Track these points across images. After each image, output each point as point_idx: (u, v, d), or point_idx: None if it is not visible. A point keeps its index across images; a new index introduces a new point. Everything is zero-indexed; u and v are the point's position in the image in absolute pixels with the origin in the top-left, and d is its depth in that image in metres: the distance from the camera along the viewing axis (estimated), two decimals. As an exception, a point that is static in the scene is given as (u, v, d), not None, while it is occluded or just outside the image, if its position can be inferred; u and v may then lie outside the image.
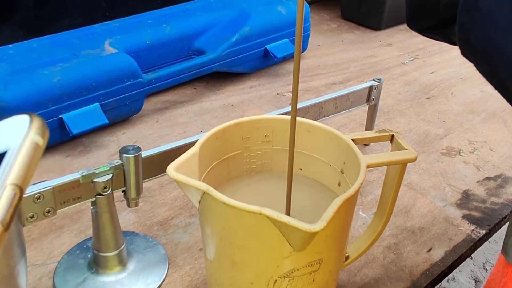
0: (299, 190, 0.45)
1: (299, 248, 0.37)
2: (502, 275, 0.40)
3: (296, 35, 0.37)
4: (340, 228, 0.41)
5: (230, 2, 0.93)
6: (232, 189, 0.48)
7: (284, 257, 0.39)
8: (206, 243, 0.44)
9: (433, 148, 0.73)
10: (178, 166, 0.39)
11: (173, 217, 0.59)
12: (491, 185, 0.66)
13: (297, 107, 0.41)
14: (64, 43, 0.75)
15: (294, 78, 0.39)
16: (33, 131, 0.19)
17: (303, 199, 0.45)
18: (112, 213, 0.48)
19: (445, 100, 0.86)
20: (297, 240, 0.36)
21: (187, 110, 0.81)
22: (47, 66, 0.69)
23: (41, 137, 0.20)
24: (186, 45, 0.85)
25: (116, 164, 0.46)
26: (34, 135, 0.19)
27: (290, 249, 0.38)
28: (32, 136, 0.19)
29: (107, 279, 0.50)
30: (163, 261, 0.53)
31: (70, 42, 0.76)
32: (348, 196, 0.37)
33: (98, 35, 0.78)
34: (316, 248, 0.39)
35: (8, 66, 0.68)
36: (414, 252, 0.55)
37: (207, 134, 0.45)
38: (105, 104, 0.71)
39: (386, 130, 0.47)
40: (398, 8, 1.12)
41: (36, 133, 0.20)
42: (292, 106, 0.41)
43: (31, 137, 0.19)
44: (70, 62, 0.70)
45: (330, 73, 0.94)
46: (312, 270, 0.40)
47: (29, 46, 0.74)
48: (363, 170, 0.40)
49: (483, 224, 0.59)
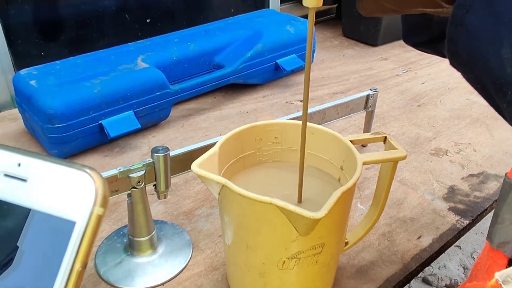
0: (305, 178, 0.45)
1: (304, 233, 0.37)
2: (487, 258, 0.40)
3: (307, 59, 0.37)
4: (339, 216, 0.41)
5: (245, 23, 0.94)
6: (247, 178, 0.47)
7: (291, 241, 0.39)
8: (225, 229, 0.44)
9: (423, 149, 0.73)
10: (201, 163, 0.40)
11: (196, 208, 0.59)
12: (474, 181, 0.66)
13: (307, 112, 0.41)
14: (103, 60, 0.76)
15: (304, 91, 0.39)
16: (98, 205, 0.18)
17: (309, 188, 0.45)
18: (144, 204, 0.48)
19: (434, 107, 0.86)
20: (302, 226, 0.36)
21: (208, 117, 0.81)
22: (89, 79, 0.70)
23: (103, 208, 0.18)
24: (207, 60, 0.86)
25: (148, 162, 0.47)
26: (99, 208, 0.18)
27: (296, 234, 0.38)
28: (97, 210, 0.18)
29: (140, 261, 0.51)
30: (188, 245, 0.53)
31: (108, 59, 0.77)
32: (346, 188, 0.37)
33: (132, 52, 0.79)
34: (319, 233, 0.39)
35: (56, 79, 0.70)
36: (406, 239, 0.55)
37: (225, 136, 0.45)
38: (138, 111, 0.72)
39: (380, 133, 0.47)
40: (392, 26, 1.11)
41: (100, 206, 0.18)
42: (303, 111, 0.41)
43: (96, 211, 0.18)
44: (108, 76, 0.71)
45: (333, 83, 0.94)
46: (316, 253, 0.40)
47: (73, 62, 0.75)
48: (359, 166, 0.40)
49: (466, 215, 0.59)
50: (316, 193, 0.46)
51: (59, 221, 0.18)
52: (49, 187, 0.18)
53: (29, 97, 0.67)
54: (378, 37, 1.12)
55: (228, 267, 0.48)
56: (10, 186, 0.18)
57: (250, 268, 0.43)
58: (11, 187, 0.18)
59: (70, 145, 0.67)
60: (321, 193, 0.46)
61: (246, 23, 0.94)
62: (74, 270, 0.17)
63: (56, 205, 0.18)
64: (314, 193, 0.46)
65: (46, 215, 0.18)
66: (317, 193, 0.46)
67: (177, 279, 0.50)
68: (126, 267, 0.50)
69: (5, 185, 0.18)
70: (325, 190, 0.46)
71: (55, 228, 0.18)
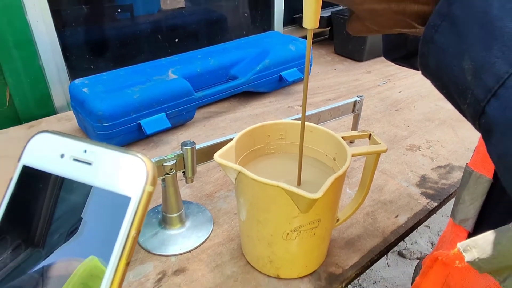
0: (304, 167, 0.45)
1: (304, 210, 0.38)
2: (451, 232, 0.40)
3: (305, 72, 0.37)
4: (333, 197, 0.41)
5: (255, 42, 0.94)
6: (258, 166, 0.48)
7: (293, 217, 0.39)
8: (240, 208, 0.44)
9: (400, 145, 0.73)
10: (221, 154, 0.40)
11: (216, 191, 0.60)
12: (441, 171, 0.65)
13: (305, 114, 0.41)
14: (141, 72, 0.77)
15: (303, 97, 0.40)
16: (149, 182, 0.17)
17: (307, 174, 0.46)
18: (175, 187, 0.49)
19: (409, 111, 0.86)
20: (303, 204, 0.37)
21: (225, 118, 0.81)
22: (129, 87, 0.71)
23: (153, 186, 0.18)
24: (224, 72, 0.86)
25: (178, 153, 0.47)
26: (150, 186, 0.17)
27: (298, 211, 0.38)
28: (148, 188, 0.17)
29: (171, 233, 0.51)
30: (209, 221, 0.54)
31: (145, 71, 0.77)
32: (339, 175, 0.38)
33: (164, 66, 0.80)
34: (316, 211, 0.39)
35: (103, 87, 0.70)
36: (385, 218, 0.55)
37: (240, 132, 0.45)
38: (169, 114, 0.72)
39: (366, 131, 0.47)
40: (375, 46, 1.11)
41: (152, 184, 0.18)
42: (302, 113, 0.41)
43: (147, 189, 0.17)
44: (145, 85, 0.72)
45: (326, 92, 0.94)
46: (313, 227, 0.41)
47: (117, 74, 0.76)
48: (349, 157, 0.40)
49: (435, 198, 0.59)
50: (313, 178, 0.46)
51: (118, 196, 0.18)
52: (109, 169, 0.18)
53: (82, 102, 0.68)
54: (363, 54, 1.11)
55: (242, 239, 0.48)
56: (77, 168, 0.18)
57: (260, 239, 0.43)
58: (79, 169, 0.18)
59: (115, 140, 0.68)
60: (317, 178, 0.46)
61: (255, 42, 0.94)
62: (130, 236, 0.17)
63: (115, 183, 0.18)
64: (311, 178, 0.46)
65: (107, 191, 0.18)
66: (314, 178, 0.46)
67: (201, 247, 0.50)
68: (160, 237, 0.51)
69: (74, 168, 0.18)
70: (320, 176, 0.47)
71: (114, 203, 0.18)
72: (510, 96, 0.20)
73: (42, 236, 0.18)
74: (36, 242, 0.18)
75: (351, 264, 0.48)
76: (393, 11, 0.26)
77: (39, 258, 0.18)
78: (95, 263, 0.17)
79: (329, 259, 0.48)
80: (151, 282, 0.45)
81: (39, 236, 0.18)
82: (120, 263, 0.17)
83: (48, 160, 0.19)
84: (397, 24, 0.27)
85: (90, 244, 0.18)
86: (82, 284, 0.17)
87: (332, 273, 0.47)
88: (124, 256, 0.17)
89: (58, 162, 0.19)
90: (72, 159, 0.18)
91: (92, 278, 0.17)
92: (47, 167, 0.19)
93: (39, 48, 0.78)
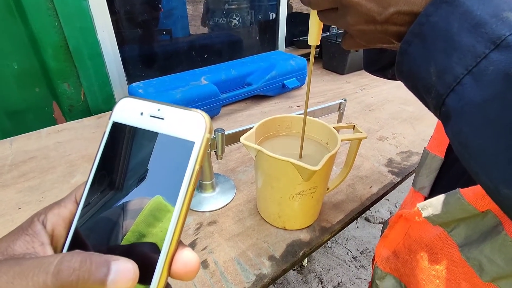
0: (305, 146, 0.45)
1: (306, 179, 0.38)
2: (411, 197, 0.39)
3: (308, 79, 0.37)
4: (326, 170, 0.41)
5: (264, 58, 0.93)
6: (271, 146, 0.48)
7: (298, 184, 0.40)
8: (257, 178, 0.44)
9: (372, 136, 0.73)
10: (245, 137, 0.41)
11: (237, 167, 0.60)
12: (404, 156, 0.65)
13: (307, 111, 0.41)
14: (181, 78, 0.77)
15: (306, 97, 0.39)
16: (208, 131, 0.17)
17: (307, 150, 0.46)
18: (209, 162, 0.49)
19: (379, 111, 0.85)
20: (305, 174, 0.37)
21: (242, 114, 0.81)
22: (173, 89, 0.71)
23: (210, 134, 0.17)
24: (242, 80, 0.86)
25: (212, 137, 0.48)
26: (208, 134, 0.17)
27: (301, 180, 0.38)
28: (207, 135, 0.17)
29: (205, 195, 0.52)
30: (233, 188, 0.54)
31: (184, 78, 0.77)
32: (332, 154, 0.38)
33: (198, 74, 0.79)
34: (314, 180, 0.40)
35: (154, 89, 0.70)
36: (362, 188, 0.55)
37: (258, 123, 0.45)
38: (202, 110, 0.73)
39: (351, 123, 0.47)
40: (354, 63, 1.10)
41: (209, 132, 0.17)
42: (305, 109, 0.41)
43: (206, 136, 0.17)
44: (184, 88, 0.72)
45: (317, 96, 0.93)
46: (312, 192, 0.41)
47: (163, 80, 0.76)
48: (339, 142, 0.41)
49: (399, 175, 0.59)
50: (310, 153, 0.46)
51: (185, 142, 0.17)
52: (178, 122, 0.17)
53: (138, 100, 0.68)
54: (344, 69, 1.10)
55: (258, 200, 0.49)
56: (154, 122, 0.18)
57: (272, 200, 0.44)
58: (155, 123, 0.18)
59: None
60: (313, 153, 0.46)
61: (265, 58, 0.93)
62: (195, 170, 0.17)
63: (183, 132, 0.17)
64: (310, 153, 0.46)
65: (177, 138, 0.17)
66: (312, 154, 0.46)
67: (227, 206, 0.51)
68: (197, 199, 0.51)
69: (151, 122, 0.18)
70: (316, 151, 0.47)
71: (182, 146, 0.17)
72: (464, 91, 0.20)
73: (121, 181, 0.18)
74: (116, 186, 0.18)
75: (337, 220, 0.48)
76: (378, 31, 0.25)
77: (120, 197, 0.18)
78: (160, 200, 0.17)
79: (321, 216, 0.49)
80: (192, 230, 0.46)
81: (118, 181, 0.18)
82: (189, 188, 0.17)
83: (131, 117, 0.18)
84: (380, 41, 0.27)
85: (156, 186, 0.17)
86: (151, 215, 0.17)
87: (323, 226, 0.47)
88: (191, 184, 0.17)
89: (138, 118, 0.18)
90: (149, 115, 0.18)
91: (158, 210, 0.17)
92: (130, 122, 0.18)
93: (105, 60, 0.79)
